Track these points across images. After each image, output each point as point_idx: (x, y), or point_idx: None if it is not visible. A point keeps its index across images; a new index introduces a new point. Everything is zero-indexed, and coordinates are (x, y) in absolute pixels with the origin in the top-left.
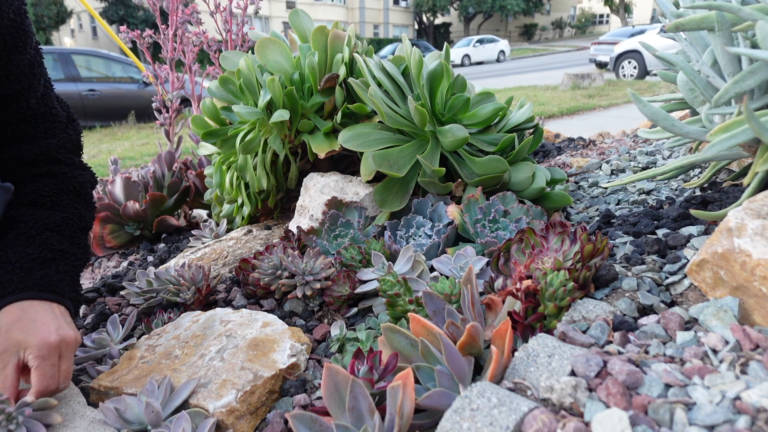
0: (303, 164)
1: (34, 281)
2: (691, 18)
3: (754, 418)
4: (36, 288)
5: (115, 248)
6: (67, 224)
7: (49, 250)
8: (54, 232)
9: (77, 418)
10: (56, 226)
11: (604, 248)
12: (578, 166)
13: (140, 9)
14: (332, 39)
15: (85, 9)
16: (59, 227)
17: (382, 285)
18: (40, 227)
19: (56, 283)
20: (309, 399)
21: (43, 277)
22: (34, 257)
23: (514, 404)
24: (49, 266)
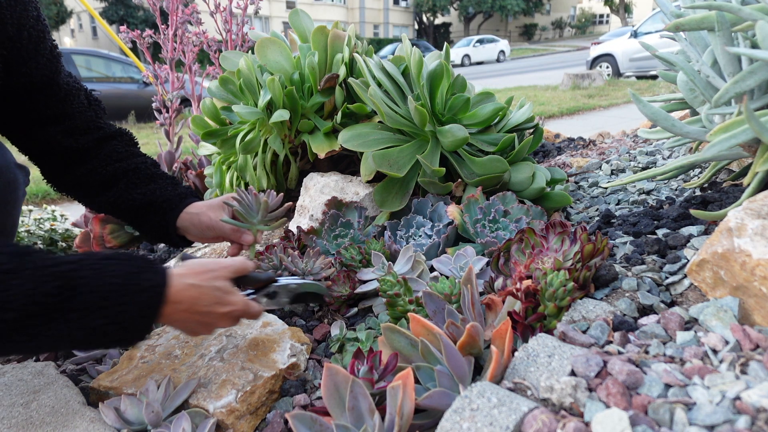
0: (303, 164)
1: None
2: (691, 18)
3: (754, 418)
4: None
5: (115, 248)
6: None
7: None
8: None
9: (77, 418)
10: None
11: (604, 248)
12: (578, 166)
13: (140, 9)
14: (332, 39)
15: (85, 9)
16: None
17: (382, 285)
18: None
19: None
20: (309, 399)
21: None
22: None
23: (514, 404)
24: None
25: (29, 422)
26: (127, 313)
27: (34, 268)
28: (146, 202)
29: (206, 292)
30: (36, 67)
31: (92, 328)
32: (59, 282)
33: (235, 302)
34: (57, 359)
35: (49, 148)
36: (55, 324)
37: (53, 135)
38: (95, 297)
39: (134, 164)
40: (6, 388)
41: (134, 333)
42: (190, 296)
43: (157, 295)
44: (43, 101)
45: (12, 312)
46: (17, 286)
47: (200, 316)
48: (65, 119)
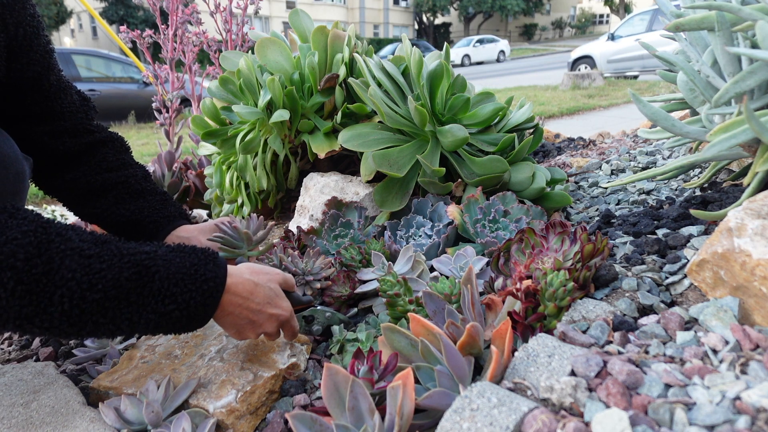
0: (303, 164)
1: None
2: (691, 18)
3: (754, 418)
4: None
5: None
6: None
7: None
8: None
9: (77, 418)
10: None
11: (604, 248)
12: (578, 166)
13: (140, 9)
14: (332, 39)
15: (85, 9)
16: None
17: (382, 285)
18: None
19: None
20: (309, 399)
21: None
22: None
23: (514, 404)
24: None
25: (29, 422)
26: (193, 300)
27: (115, 255)
28: (133, 220)
29: (261, 290)
30: (28, 63)
31: (163, 313)
32: (138, 269)
33: (285, 307)
34: (57, 359)
35: (36, 148)
36: (133, 307)
37: (40, 135)
38: (168, 284)
39: (124, 176)
40: (6, 388)
41: (196, 320)
42: (247, 290)
43: (219, 285)
44: (31, 98)
45: (97, 293)
46: (101, 270)
47: (252, 313)
48: (53, 119)
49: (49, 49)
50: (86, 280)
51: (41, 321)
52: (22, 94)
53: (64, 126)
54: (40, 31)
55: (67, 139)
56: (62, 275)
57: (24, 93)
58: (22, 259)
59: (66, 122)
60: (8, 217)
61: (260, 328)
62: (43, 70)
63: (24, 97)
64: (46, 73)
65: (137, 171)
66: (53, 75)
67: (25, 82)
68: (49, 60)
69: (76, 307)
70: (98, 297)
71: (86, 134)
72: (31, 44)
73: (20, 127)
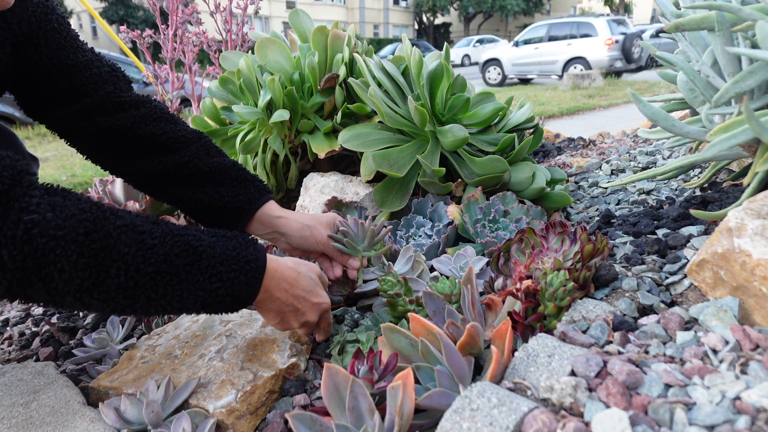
0: (303, 164)
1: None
2: (691, 18)
3: (754, 418)
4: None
5: None
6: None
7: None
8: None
9: (77, 418)
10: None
11: (604, 248)
12: (578, 166)
13: (140, 9)
14: (332, 39)
15: (85, 9)
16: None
17: (382, 285)
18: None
19: None
20: (309, 399)
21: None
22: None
23: (514, 404)
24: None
25: (29, 422)
26: (237, 279)
27: (166, 233)
28: (213, 206)
29: (304, 278)
30: (37, 50)
31: (209, 290)
32: (186, 247)
33: (324, 297)
34: (57, 359)
35: (76, 135)
36: (183, 284)
37: (72, 120)
38: (214, 262)
39: (186, 157)
40: (6, 388)
41: (241, 300)
42: (290, 276)
43: (260, 267)
44: (48, 80)
45: (150, 266)
46: (153, 246)
47: (296, 300)
48: (77, 97)
49: (60, 28)
50: (140, 255)
51: (99, 293)
52: (37, 79)
53: (90, 103)
54: (50, 14)
55: (99, 118)
56: (119, 249)
57: (39, 77)
58: (82, 233)
59: (90, 98)
60: (63, 197)
61: (303, 316)
62: (52, 51)
63: (40, 82)
64: (58, 53)
65: (198, 148)
66: (68, 52)
67: (37, 67)
68: (62, 39)
69: (131, 280)
70: (151, 270)
71: (118, 110)
72: (40, 31)
73: (52, 115)
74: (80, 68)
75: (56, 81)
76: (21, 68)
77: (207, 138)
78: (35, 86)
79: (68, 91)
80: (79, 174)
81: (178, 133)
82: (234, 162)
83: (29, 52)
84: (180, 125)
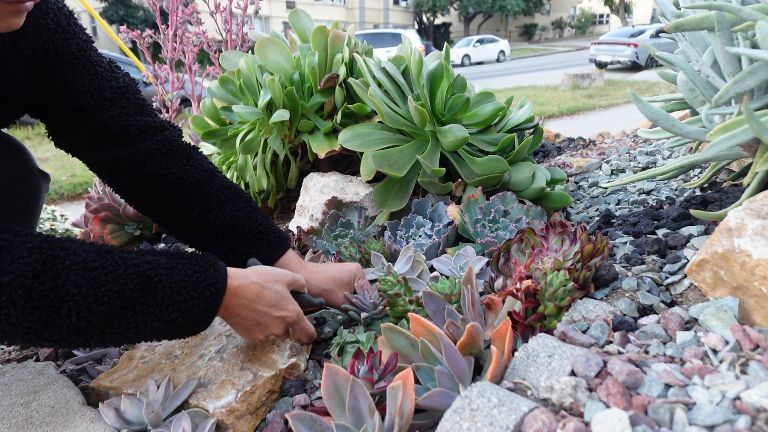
0: (303, 164)
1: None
2: (691, 18)
3: (754, 418)
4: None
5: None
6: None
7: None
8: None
9: (77, 418)
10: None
11: (604, 248)
12: (578, 166)
13: (140, 9)
14: (332, 39)
15: (85, 9)
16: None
17: (382, 285)
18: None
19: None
20: (309, 399)
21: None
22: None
23: (514, 404)
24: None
25: (29, 422)
26: (195, 306)
27: (119, 266)
28: (227, 226)
29: (269, 292)
30: (53, 75)
31: (168, 320)
32: (141, 279)
33: (291, 310)
34: (57, 359)
35: (92, 164)
36: (138, 317)
37: (78, 146)
38: (171, 293)
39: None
40: (6, 388)
41: (200, 325)
42: (252, 292)
43: (220, 290)
44: (57, 106)
45: (103, 305)
46: (106, 283)
47: (258, 315)
48: (82, 121)
49: (80, 53)
50: (92, 294)
51: (50, 334)
52: (50, 104)
53: (94, 128)
54: (69, 40)
55: (105, 148)
56: (68, 290)
57: (51, 102)
58: (30, 276)
59: (95, 122)
60: (13, 235)
61: (267, 329)
62: (70, 77)
63: (52, 107)
64: (73, 79)
65: (210, 197)
66: (83, 79)
67: (51, 92)
68: (79, 65)
69: (83, 320)
70: (104, 309)
71: (124, 137)
72: (57, 56)
73: (62, 141)
74: (91, 92)
75: (66, 106)
76: (35, 93)
77: (219, 180)
78: (48, 110)
79: (75, 116)
80: (79, 174)
81: (186, 174)
82: (249, 212)
83: (44, 77)
84: (191, 162)
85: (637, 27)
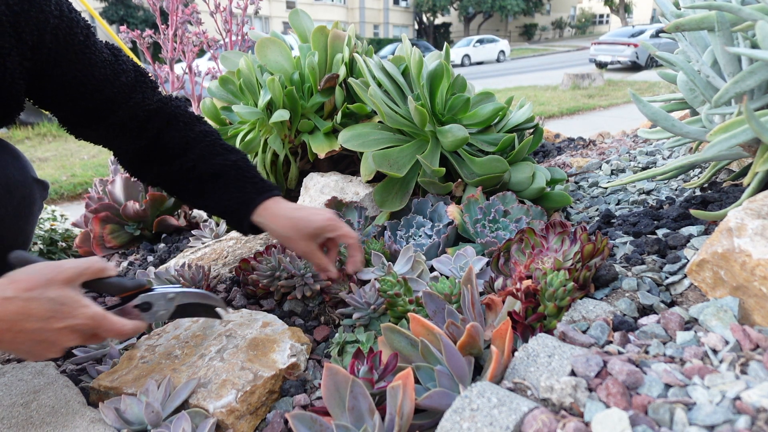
0: (303, 164)
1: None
2: (691, 18)
3: (754, 418)
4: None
5: (115, 248)
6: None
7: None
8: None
9: (77, 418)
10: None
11: (604, 248)
12: (578, 166)
13: (140, 9)
14: (332, 39)
15: (85, 9)
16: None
17: (382, 285)
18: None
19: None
20: (309, 399)
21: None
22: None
23: (514, 404)
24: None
25: (29, 422)
26: None
27: None
28: (221, 209)
29: (35, 306)
30: (63, 68)
31: None
32: None
33: (79, 315)
34: (57, 359)
35: (115, 150)
36: None
37: (105, 135)
38: None
39: (191, 161)
40: (6, 388)
41: None
42: (11, 312)
43: None
44: (76, 99)
45: None
46: None
47: (32, 334)
48: (108, 113)
49: (87, 42)
50: None
51: None
52: (72, 96)
53: (122, 116)
54: (75, 28)
55: (130, 130)
56: None
57: (75, 94)
58: None
59: (121, 112)
60: None
61: (56, 345)
62: (84, 67)
63: (74, 99)
64: (87, 69)
65: (202, 149)
66: (98, 68)
67: (63, 87)
68: (91, 54)
69: None
70: None
71: (146, 121)
72: (69, 46)
73: (88, 133)
74: (111, 80)
75: (90, 97)
76: (53, 86)
77: (213, 136)
78: (71, 103)
79: (100, 106)
80: (79, 174)
81: (184, 137)
82: (235, 161)
83: (61, 68)
84: (189, 126)
85: (637, 27)
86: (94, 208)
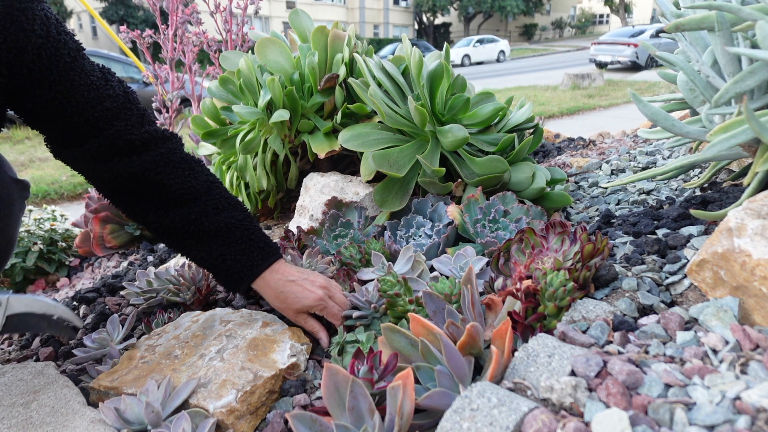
0: (303, 164)
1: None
2: (691, 18)
3: (754, 418)
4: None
5: (115, 248)
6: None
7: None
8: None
9: (77, 418)
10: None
11: (604, 248)
12: (578, 166)
13: (140, 9)
14: (332, 39)
15: (85, 9)
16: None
17: (382, 285)
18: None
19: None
20: (309, 399)
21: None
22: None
23: (514, 404)
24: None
25: (29, 422)
26: None
27: None
28: (214, 267)
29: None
30: (43, 90)
31: None
32: None
33: None
34: (57, 359)
35: (97, 180)
36: None
37: (86, 161)
38: None
39: (186, 214)
40: (6, 388)
41: None
42: None
43: None
44: (57, 120)
45: None
46: None
47: None
48: (88, 136)
49: (74, 64)
50: None
51: None
52: (53, 117)
53: (101, 142)
54: (62, 50)
55: (112, 161)
56: None
57: (54, 115)
58: None
59: (102, 137)
60: None
61: None
62: (66, 89)
63: (55, 120)
64: (69, 92)
65: (207, 202)
66: (82, 90)
67: (53, 105)
68: (75, 75)
69: None
70: None
71: (130, 150)
72: (51, 67)
73: (67, 154)
74: (92, 104)
75: (70, 119)
76: (33, 105)
77: (218, 189)
78: (51, 123)
79: (80, 129)
80: (78, 174)
81: (187, 184)
82: (242, 219)
83: (41, 87)
84: (193, 174)
85: (637, 27)
86: (94, 208)
